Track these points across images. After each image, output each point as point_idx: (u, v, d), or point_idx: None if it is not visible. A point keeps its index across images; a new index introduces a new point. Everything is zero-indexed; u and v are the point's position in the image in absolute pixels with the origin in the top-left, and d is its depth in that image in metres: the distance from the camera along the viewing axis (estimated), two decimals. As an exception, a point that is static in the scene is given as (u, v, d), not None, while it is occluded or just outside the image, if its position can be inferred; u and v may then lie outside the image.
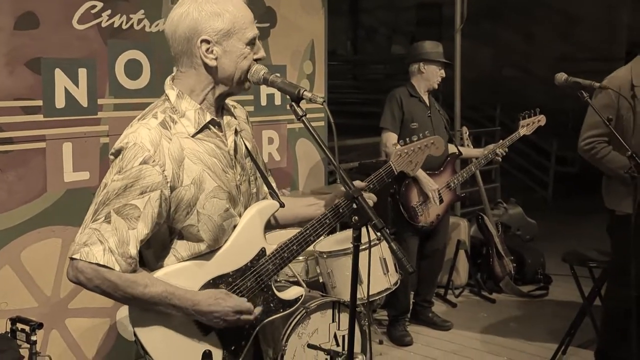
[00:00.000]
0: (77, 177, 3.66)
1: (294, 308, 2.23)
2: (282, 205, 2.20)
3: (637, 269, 3.02)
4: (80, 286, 1.95)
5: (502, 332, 4.98)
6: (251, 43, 2.02)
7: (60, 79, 3.56)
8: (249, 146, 2.23)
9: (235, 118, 2.19)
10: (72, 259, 1.93)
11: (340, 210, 2.17)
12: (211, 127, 2.07)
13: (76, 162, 3.65)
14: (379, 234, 1.84)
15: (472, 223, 6.08)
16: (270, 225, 2.29)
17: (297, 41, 4.82)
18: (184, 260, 2.05)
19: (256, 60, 2.04)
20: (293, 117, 4.69)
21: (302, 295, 2.24)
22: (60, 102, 3.57)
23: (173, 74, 2.10)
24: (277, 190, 2.30)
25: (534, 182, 10.44)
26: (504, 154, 4.81)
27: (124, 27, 3.79)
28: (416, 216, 4.65)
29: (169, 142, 1.97)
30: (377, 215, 1.84)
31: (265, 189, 2.31)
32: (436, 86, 4.85)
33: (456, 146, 4.92)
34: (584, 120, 3.73)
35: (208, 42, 1.97)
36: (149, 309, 1.99)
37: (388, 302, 4.91)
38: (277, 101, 4.71)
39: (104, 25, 3.70)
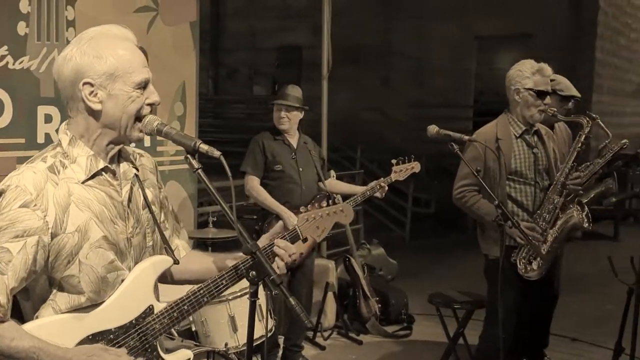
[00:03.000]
0: None
1: None
2: (176, 262, 2.13)
3: (505, 310, 3.19)
4: None
5: (370, 374, 5.06)
6: (140, 87, 1.96)
7: None
8: (150, 196, 2.15)
9: (137, 167, 2.12)
10: None
11: (239, 273, 2.10)
12: (104, 174, 2.00)
13: None
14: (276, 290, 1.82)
15: (339, 264, 6.17)
16: (167, 281, 2.22)
17: (168, 82, 4.75)
18: (62, 313, 1.93)
19: (149, 105, 1.98)
20: (162, 159, 4.70)
21: (189, 359, 2.16)
22: None
23: (68, 120, 2.03)
24: (178, 242, 2.23)
25: (392, 222, 10.79)
26: (385, 193, 4.82)
27: (-15, 63, 3.57)
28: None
29: (54, 187, 1.89)
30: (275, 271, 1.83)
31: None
32: (283, 127, 4.83)
33: (324, 185, 4.94)
34: (458, 171, 3.95)
35: (91, 85, 1.92)
36: None
37: (256, 347, 4.84)
38: (147, 142, 4.59)
39: (-37, 60, 3.47)
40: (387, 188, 4.83)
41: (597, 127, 4.13)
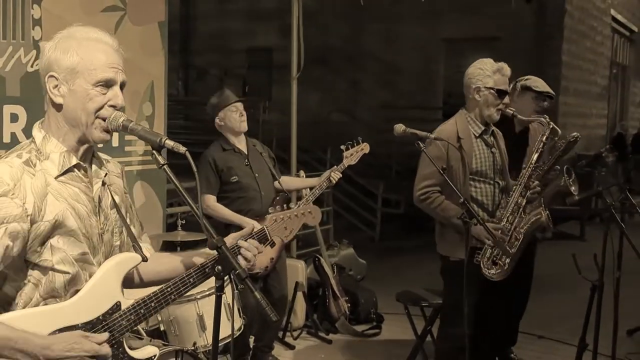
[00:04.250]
0: None
1: None
2: (144, 259, 2.14)
3: (469, 310, 3.22)
4: None
5: (339, 373, 5.08)
6: (102, 85, 1.98)
7: None
8: (117, 199, 2.18)
9: (106, 171, 2.15)
10: None
11: (207, 270, 2.12)
12: (76, 170, 2.03)
13: None
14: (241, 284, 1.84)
15: (309, 264, 6.19)
16: (135, 284, 2.23)
17: (137, 82, 4.72)
18: (40, 298, 1.96)
19: (111, 107, 1.99)
20: (130, 159, 4.67)
21: (155, 356, 2.16)
22: None
23: (42, 119, 2.07)
24: (141, 245, 2.23)
25: (362, 222, 10.84)
26: (337, 179, 4.77)
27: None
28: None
29: (31, 178, 1.93)
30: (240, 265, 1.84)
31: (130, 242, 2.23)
32: (244, 128, 4.72)
33: (280, 184, 4.90)
34: (418, 171, 3.90)
35: (56, 78, 1.97)
36: None
37: (226, 347, 4.83)
38: (114, 142, 4.56)
39: None
40: (341, 174, 4.79)
41: (563, 128, 4.18)
